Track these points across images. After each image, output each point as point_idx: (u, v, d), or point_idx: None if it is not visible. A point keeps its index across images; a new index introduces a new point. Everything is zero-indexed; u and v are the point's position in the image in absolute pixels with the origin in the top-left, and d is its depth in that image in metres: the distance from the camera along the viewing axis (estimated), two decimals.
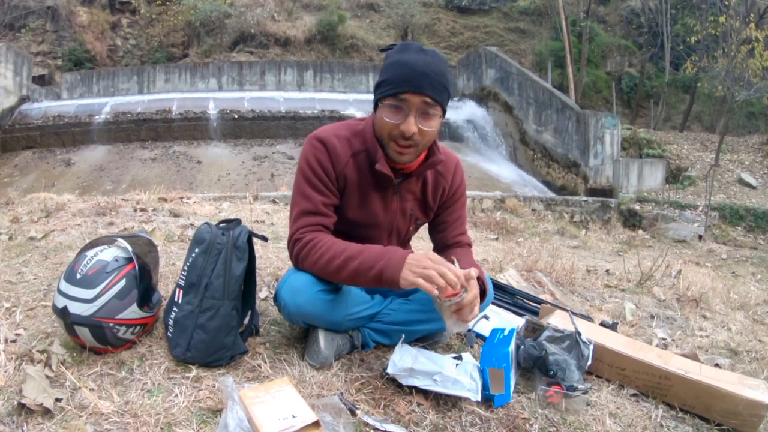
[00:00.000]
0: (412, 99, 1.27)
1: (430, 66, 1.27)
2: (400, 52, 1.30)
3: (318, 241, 1.33)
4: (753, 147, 11.64)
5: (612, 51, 16.77)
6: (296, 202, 1.39)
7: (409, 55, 1.28)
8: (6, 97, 10.97)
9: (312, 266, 1.34)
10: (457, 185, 1.54)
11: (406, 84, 1.26)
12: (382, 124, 1.32)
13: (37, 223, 2.76)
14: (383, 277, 1.25)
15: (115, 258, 1.33)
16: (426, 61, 1.27)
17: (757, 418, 1.35)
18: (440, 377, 1.26)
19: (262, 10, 15.61)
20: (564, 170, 10.44)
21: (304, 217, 1.36)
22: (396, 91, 1.27)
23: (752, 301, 3.12)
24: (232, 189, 7.92)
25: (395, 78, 1.27)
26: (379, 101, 1.33)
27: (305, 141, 1.41)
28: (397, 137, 1.31)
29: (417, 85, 1.26)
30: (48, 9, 14.47)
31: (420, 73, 1.26)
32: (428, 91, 1.27)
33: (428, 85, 1.27)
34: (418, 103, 1.27)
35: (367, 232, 1.46)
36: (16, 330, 1.42)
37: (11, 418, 1.05)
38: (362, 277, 1.28)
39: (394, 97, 1.27)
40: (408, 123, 1.28)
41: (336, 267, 1.29)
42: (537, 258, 3.05)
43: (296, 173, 1.41)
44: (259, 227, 3.22)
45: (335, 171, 1.37)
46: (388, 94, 1.28)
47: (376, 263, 1.26)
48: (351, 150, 1.39)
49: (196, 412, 1.13)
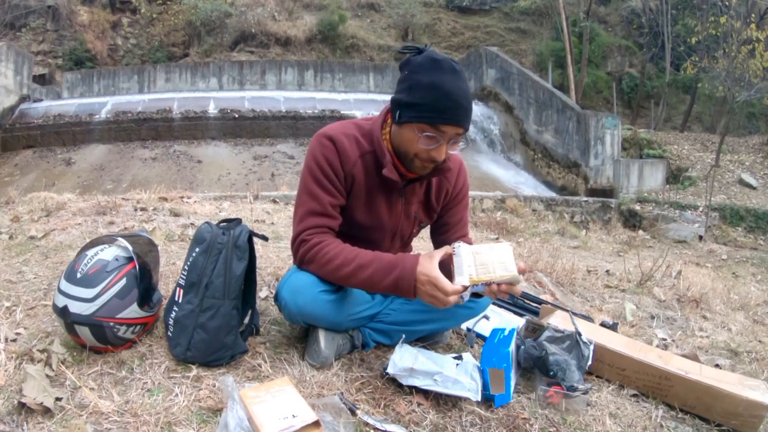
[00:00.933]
0: (448, 131, 1.26)
1: (467, 95, 1.27)
2: (434, 72, 1.25)
3: (326, 245, 1.32)
4: (753, 147, 11.63)
5: (613, 51, 16.77)
6: (303, 201, 1.37)
7: (445, 77, 1.24)
8: (6, 97, 10.97)
9: (318, 270, 1.33)
10: (460, 187, 1.53)
11: (446, 117, 1.25)
12: (410, 145, 1.30)
13: (37, 222, 2.76)
14: (398, 288, 1.26)
15: (116, 257, 1.33)
16: (463, 89, 1.26)
17: (757, 418, 1.35)
18: (440, 377, 1.26)
19: (263, 9, 15.60)
20: (564, 170, 10.43)
21: (311, 218, 1.35)
22: (435, 121, 1.25)
23: (752, 301, 3.13)
24: (233, 188, 7.92)
25: (434, 107, 1.24)
26: (408, 121, 1.29)
27: (313, 139, 1.40)
28: (424, 160, 1.31)
29: (456, 119, 1.26)
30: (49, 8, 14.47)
31: (460, 106, 1.25)
32: (465, 124, 1.28)
33: (465, 118, 1.27)
34: (453, 134, 1.28)
35: (371, 234, 1.45)
36: (16, 329, 1.42)
37: (11, 417, 1.05)
38: (375, 288, 1.31)
39: (431, 125, 1.26)
40: (440, 151, 1.29)
41: (346, 274, 1.29)
42: (537, 258, 3.05)
43: (303, 171, 1.39)
44: (259, 227, 3.21)
45: (344, 170, 1.36)
46: (426, 121, 1.26)
47: (389, 274, 1.26)
48: (360, 150, 1.37)
49: (196, 412, 1.13)
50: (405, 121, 1.29)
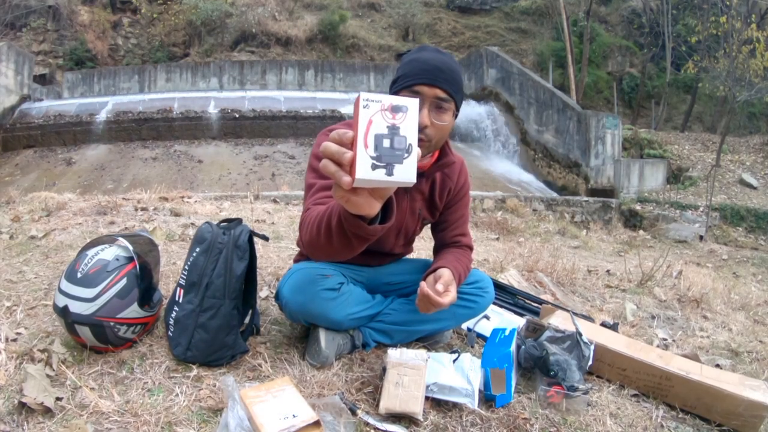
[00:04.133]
0: (426, 91, 1.27)
1: (446, 63, 1.30)
2: (417, 52, 1.34)
3: (311, 212, 1.20)
4: (754, 147, 11.63)
5: (613, 51, 16.76)
6: (309, 182, 1.33)
7: (426, 53, 1.32)
8: (7, 96, 10.97)
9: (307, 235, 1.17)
10: (461, 185, 1.54)
11: (421, 76, 1.28)
12: None
13: (38, 222, 2.76)
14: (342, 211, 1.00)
15: (116, 257, 1.33)
16: (442, 59, 1.31)
17: (757, 419, 1.34)
18: (436, 387, 1.25)
19: (264, 9, 15.60)
20: (565, 170, 10.43)
21: (318, 193, 1.29)
22: (411, 82, 1.28)
23: (753, 301, 3.12)
24: (233, 188, 7.92)
25: (410, 71, 1.29)
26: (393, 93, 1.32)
27: (318, 135, 1.39)
28: None
29: (431, 78, 1.27)
30: (49, 8, 14.48)
31: (435, 67, 1.28)
32: (442, 84, 1.28)
33: (443, 79, 1.29)
34: (432, 96, 1.28)
35: None
36: (16, 329, 1.43)
37: (12, 417, 1.05)
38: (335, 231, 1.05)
39: (409, 89, 1.29)
40: (422, 115, 1.28)
41: (316, 226, 1.11)
42: (538, 258, 3.04)
43: (308, 163, 1.37)
44: (260, 227, 3.22)
45: None
46: (403, 86, 1.30)
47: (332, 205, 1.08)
48: None
49: (196, 412, 1.13)
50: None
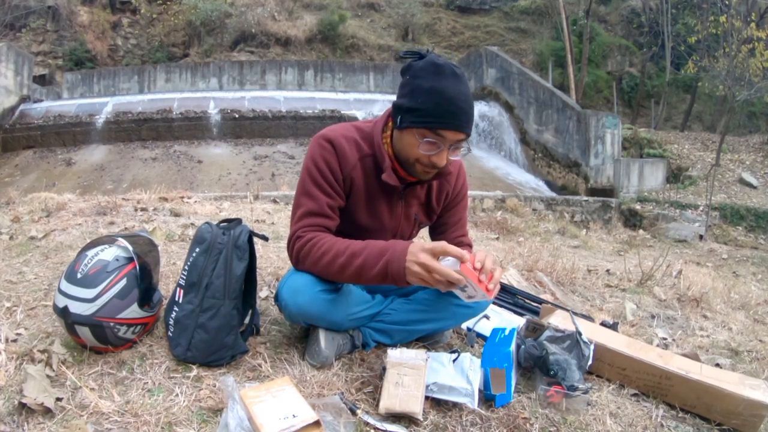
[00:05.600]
0: (449, 136, 1.25)
1: (468, 100, 1.25)
2: (435, 77, 1.24)
3: (320, 239, 1.31)
4: (754, 147, 11.63)
5: (613, 51, 16.78)
6: (301, 202, 1.36)
7: (446, 82, 1.23)
8: (7, 97, 10.97)
9: (313, 265, 1.32)
10: (459, 187, 1.54)
11: (447, 122, 1.23)
12: (411, 150, 1.29)
13: (37, 222, 2.76)
14: (389, 271, 1.21)
15: (116, 257, 1.33)
16: (464, 93, 1.24)
17: (757, 418, 1.34)
18: (436, 386, 1.26)
19: (263, 9, 15.61)
20: (565, 170, 10.43)
21: (308, 218, 1.34)
22: (435, 126, 1.24)
23: (753, 301, 3.12)
24: (233, 188, 7.93)
25: (435, 111, 1.23)
26: (409, 126, 1.28)
27: (312, 140, 1.40)
28: (426, 165, 1.30)
29: (457, 125, 1.24)
30: (49, 9, 14.48)
31: (461, 110, 1.23)
32: (467, 129, 1.26)
33: (467, 123, 1.26)
34: (454, 140, 1.27)
35: (371, 235, 1.44)
36: (16, 329, 1.43)
37: (12, 417, 1.05)
38: (367, 273, 1.25)
39: (432, 131, 1.25)
40: (441, 156, 1.27)
41: (340, 265, 1.27)
42: (538, 258, 3.04)
43: (302, 172, 1.39)
44: (259, 227, 3.22)
45: (342, 173, 1.35)
46: (426, 126, 1.25)
47: (380, 257, 1.23)
48: (359, 153, 1.37)
49: (196, 412, 1.13)
50: (406, 126, 1.28)
